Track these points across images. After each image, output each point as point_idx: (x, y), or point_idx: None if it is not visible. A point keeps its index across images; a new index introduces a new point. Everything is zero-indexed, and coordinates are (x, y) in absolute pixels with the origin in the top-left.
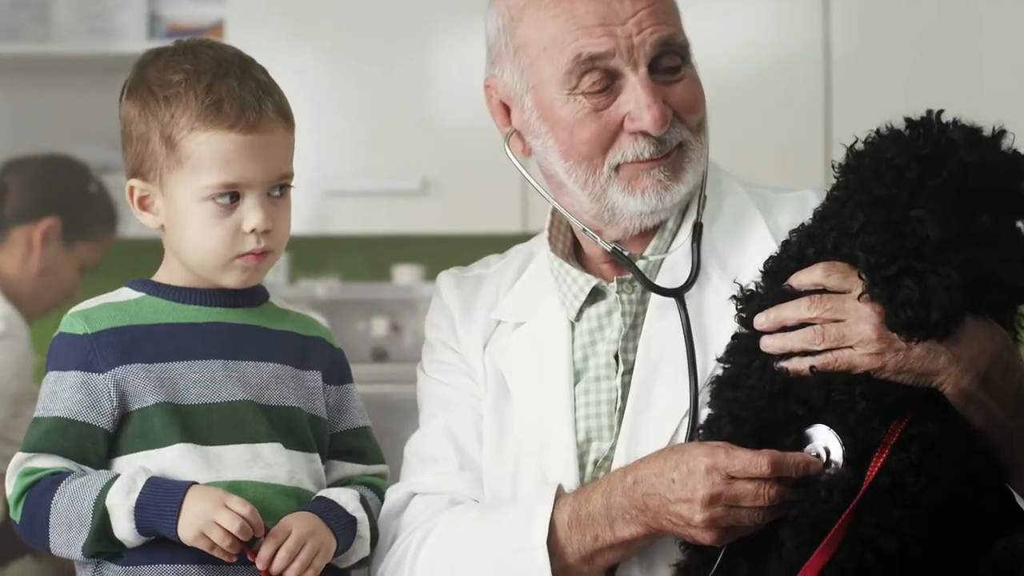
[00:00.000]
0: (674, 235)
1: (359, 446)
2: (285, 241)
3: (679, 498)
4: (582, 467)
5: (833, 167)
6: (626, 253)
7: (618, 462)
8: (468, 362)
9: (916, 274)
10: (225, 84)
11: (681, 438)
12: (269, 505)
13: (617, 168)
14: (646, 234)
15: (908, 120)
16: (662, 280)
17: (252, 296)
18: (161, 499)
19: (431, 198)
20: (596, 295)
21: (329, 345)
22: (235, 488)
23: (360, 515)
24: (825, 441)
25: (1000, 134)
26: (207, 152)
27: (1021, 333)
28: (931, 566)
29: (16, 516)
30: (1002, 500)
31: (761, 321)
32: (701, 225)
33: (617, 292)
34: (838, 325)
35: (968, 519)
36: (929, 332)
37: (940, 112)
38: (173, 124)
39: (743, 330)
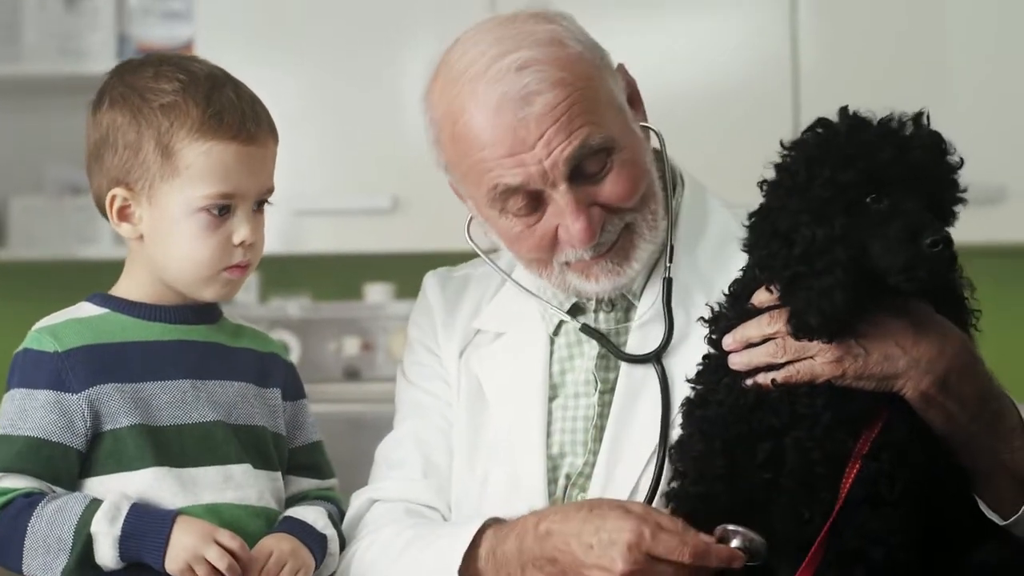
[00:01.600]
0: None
1: (314, 461)
2: (260, 256)
3: (595, 564)
4: (554, 481)
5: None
6: (594, 326)
7: (596, 479)
8: (445, 366)
9: (803, 279)
10: (223, 95)
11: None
12: (243, 526)
13: (567, 263)
14: None
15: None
16: (638, 334)
17: (212, 313)
18: (147, 529)
19: (402, 216)
20: (576, 311)
21: (284, 361)
22: (213, 511)
23: (330, 532)
24: (748, 538)
25: (890, 119)
26: (207, 162)
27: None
28: None
29: None
30: (971, 509)
31: (728, 341)
32: (671, 280)
33: (594, 311)
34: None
35: (940, 527)
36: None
37: (844, 108)
38: (172, 133)
39: (713, 351)
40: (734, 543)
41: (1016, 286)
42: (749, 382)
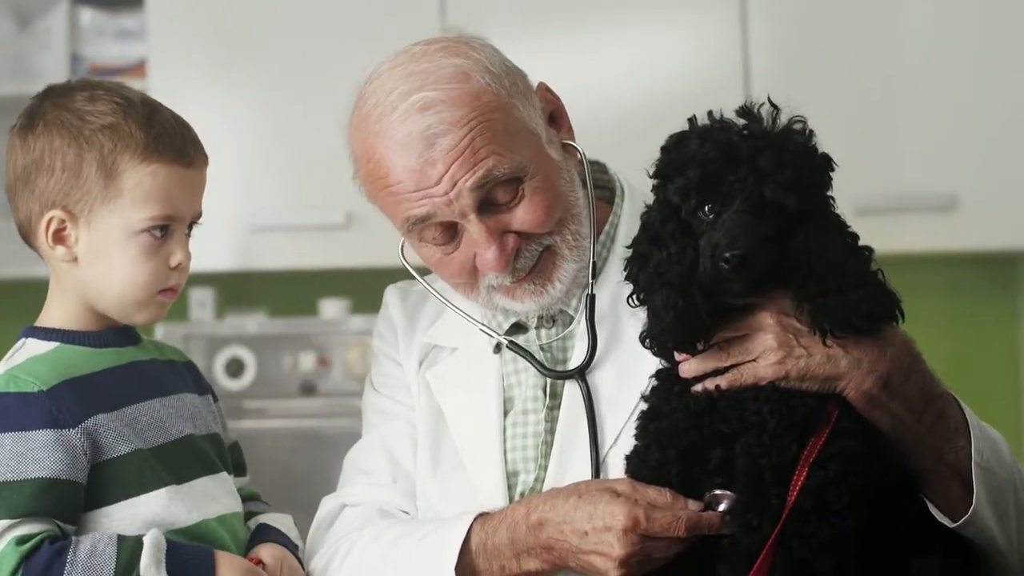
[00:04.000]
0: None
1: (239, 460)
2: (186, 280)
3: (593, 551)
4: (511, 499)
5: None
6: (524, 345)
7: None
8: (407, 375)
9: (648, 300)
10: (163, 118)
11: (607, 471)
12: (238, 534)
13: (492, 286)
14: None
15: None
16: (579, 347)
17: (135, 333)
18: (193, 571)
19: (356, 232)
20: (518, 327)
21: (195, 366)
22: (222, 522)
23: (300, 541)
24: (733, 500)
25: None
26: (151, 184)
27: None
28: None
29: None
30: (920, 513)
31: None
32: (593, 297)
33: (536, 328)
34: (741, 340)
35: (890, 533)
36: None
37: (709, 114)
38: (116, 155)
39: (664, 364)
40: (722, 507)
41: (967, 293)
42: (698, 388)
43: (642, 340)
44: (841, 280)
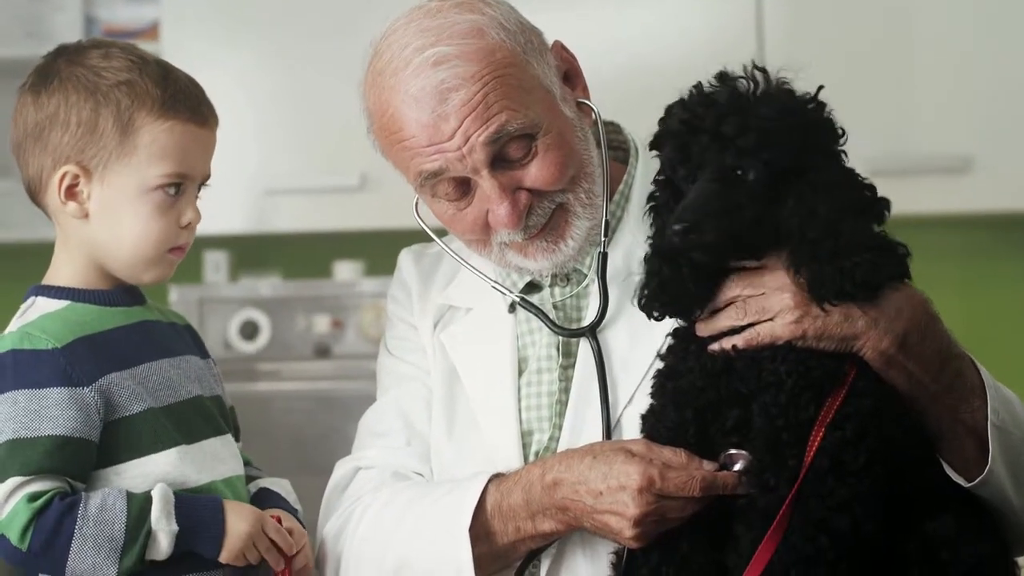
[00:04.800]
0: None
1: (236, 424)
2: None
3: (607, 510)
4: (525, 458)
5: None
6: (538, 304)
7: None
8: (422, 338)
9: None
10: (177, 77)
11: (618, 432)
12: (242, 497)
13: (504, 243)
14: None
15: None
16: (593, 306)
17: (140, 294)
18: (201, 521)
19: (370, 193)
20: (532, 286)
21: (195, 330)
22: (228, 484)
23: (299, 505)
24: (749, 460)
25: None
26: (167, 141)
27: None
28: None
29: (23, 543)
30: (936, 473)
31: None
32: (605, 255)
33: (549, 286)
34: (759, 299)
35: (906, 494)
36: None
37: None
38: (133, 110)
39: (680, 323)
40: (737, 467)
41: (982, 255)
42: (715, 347)
43: (637, 304)
44: (835, 245)
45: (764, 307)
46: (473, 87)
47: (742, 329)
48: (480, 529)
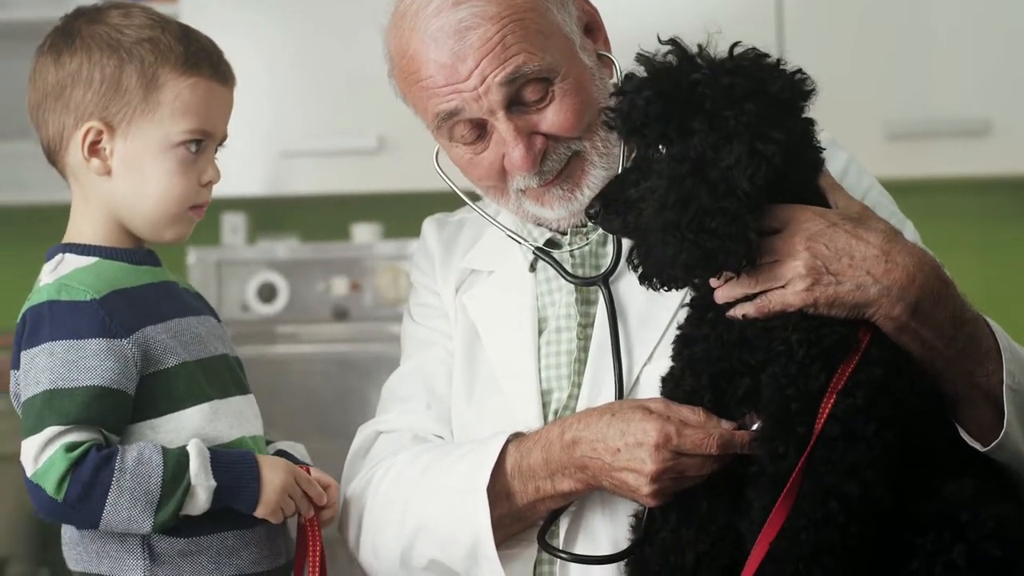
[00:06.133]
0: None
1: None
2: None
3: (625, 467)
4: (544, 416)
5: None
6: (556, 255)
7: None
8: (444, 303)
9: None
10: (198, 37)
11: (637, 390)
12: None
13: (522, 190)
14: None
15: None
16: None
17: (157, 255)
18: (239, 476)
19: (387, 156)
20: (553, 245)
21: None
22: (255, 442)
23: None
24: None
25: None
26: (190, 97)
27: None
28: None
29: (59, 494)
30: (952, 438)
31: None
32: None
33: (568, 244)
34: (771, 266)
35: (922, 457)
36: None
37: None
38: (157, 66)
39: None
40: (756, 427)
41: (1001, 217)
42: (735, 313)
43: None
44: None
45: (776, 274)
46: (491, 27)
47: (755, 297)
48: (500, 489)
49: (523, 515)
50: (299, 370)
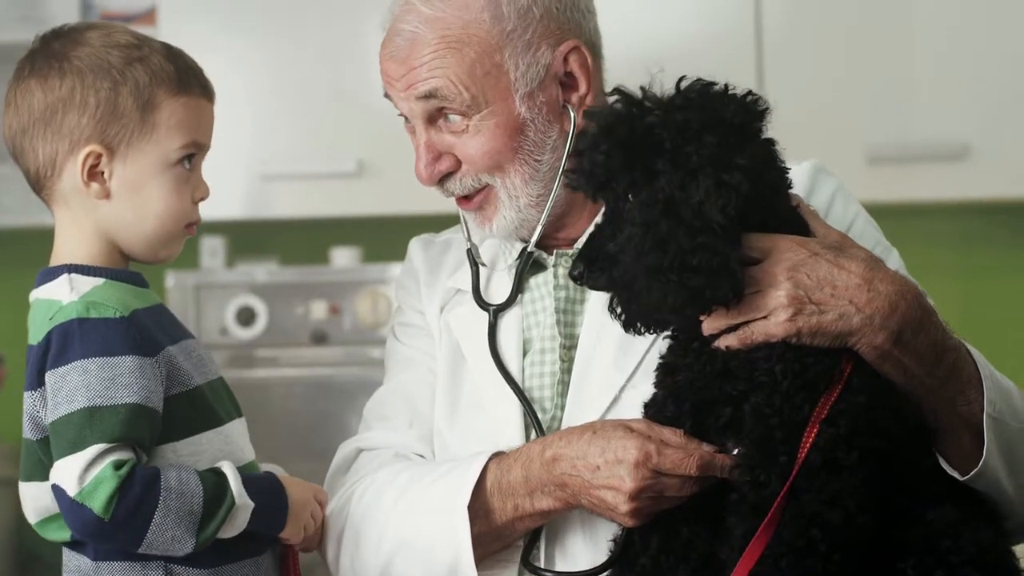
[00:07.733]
0: None
1: None
2: None
3: (604, 485)
4: (527, 438)
5: None
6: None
7: None
8: (429, 323)
9: None
10: (180, 54)
11: (618, 410)
12: None
13: (452, 195)
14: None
15: None
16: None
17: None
18: (271, 497)
19: (367, 180)
20: (538, 267)
21: None
22: (254, 466)
23: None
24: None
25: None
26: (183, 114)
27: None
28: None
29: (107, 513)
30: (934, 465)
31: None
32: (530, 255)
33: (552, 265)
34: (752, 296)
35: (905, 484)
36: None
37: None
38: (152, 87)
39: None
40: (736, 451)
41: (980, 242)
42: (717, 344)
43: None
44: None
45: (758, 304)
46: (427, 46)
47: (738, 328)
48: (479, 507)
49: (502, 534)
50: (278, 394)
